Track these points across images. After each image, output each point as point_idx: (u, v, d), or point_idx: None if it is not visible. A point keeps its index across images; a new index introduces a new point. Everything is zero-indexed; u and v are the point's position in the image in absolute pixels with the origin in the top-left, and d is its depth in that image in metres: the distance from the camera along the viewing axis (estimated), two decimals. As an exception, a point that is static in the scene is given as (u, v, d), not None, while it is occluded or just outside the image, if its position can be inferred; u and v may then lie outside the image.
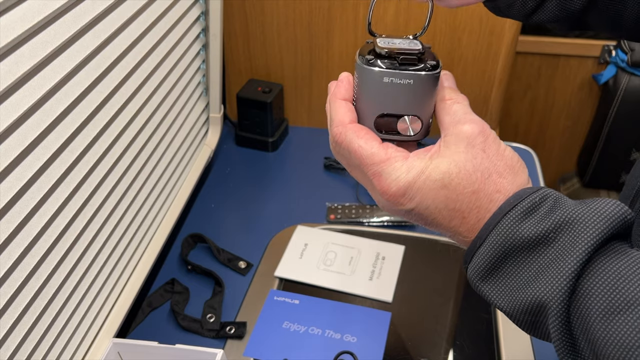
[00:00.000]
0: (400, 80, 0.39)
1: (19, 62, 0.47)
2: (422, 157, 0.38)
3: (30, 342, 0.55)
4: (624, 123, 1.40)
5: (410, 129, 0.41)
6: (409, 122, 0.41)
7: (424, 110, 0.41)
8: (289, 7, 1.00)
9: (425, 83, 0.39)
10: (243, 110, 1.06)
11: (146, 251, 0.79)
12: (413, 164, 0.37)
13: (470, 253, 0.37)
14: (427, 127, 0.42)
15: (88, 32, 0.57)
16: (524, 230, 0.34)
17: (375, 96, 0.40)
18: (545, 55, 1.45)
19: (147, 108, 0.73)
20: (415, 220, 0.39)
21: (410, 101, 0.40)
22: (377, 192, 0.38)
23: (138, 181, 0.73)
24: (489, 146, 0.38)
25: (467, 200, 0.36)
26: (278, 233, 0.90)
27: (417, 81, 0.39)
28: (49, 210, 0.55)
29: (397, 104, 0.40)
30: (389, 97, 0.40)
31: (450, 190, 0.36)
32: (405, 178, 0.37)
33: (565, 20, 0.55)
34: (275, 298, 0.79)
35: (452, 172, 0.36)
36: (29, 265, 0.53)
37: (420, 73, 0.39)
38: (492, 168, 0.37)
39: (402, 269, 0.83)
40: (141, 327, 0.77)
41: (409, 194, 0.37)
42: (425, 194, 0.37)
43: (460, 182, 0.36)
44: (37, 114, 0.51)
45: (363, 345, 0.73)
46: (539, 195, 0.35)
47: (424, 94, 0.40)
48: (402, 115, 0.40)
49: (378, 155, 0.38)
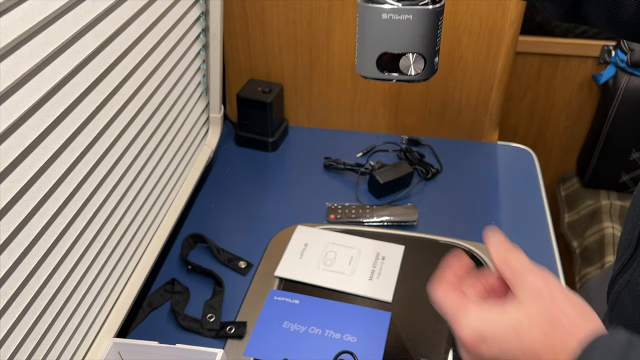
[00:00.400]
0: (399, 16, 0.38)
1: (20, 63, 0.47)
2: (495, 308, 0.40)
3: (31, 341, 0.55)
4: (623, 123, 1.40)
5: (412, 67, 0.40)
6: (411, 60, 0.39)
7: (426, 48, 0.39)
8: (289, 7, 1.00)
9: (425, 18, 0.38)
10: (243, 110, 1.06)
11: (146, 251, 0.79)
12: (487, 314, 0.40)
13: None
14: (431, 66, 0.40)
15: (88, 33, 0.57)
16: None
17: (375, 34, 0.39)
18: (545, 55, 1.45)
19: (148, 108, 0.73)
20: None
21: (411, 38, 0.39)
22: (457, 338, 0.41)
23: (138, 181, 0.73)
24: (557, 295, 0.39)
25: (541, 345, 0.37)
26: (278, 233, 0.90)
27: (417, 16, 0.38)
28: (49, 210, 0.55)
29: (398, 41, 0.39)
30: (389, 34, 0.39)
31: (522, 337, 0.38)
32: (481, 326, 0.39)
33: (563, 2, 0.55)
34: (275, 298, 0.79)
35: (523, 321, 0.38)
36: (29, 265, 0.53)
37: (421, 7, 0.38)
38: (561, 315, 0.38)
39: (402, 269, 0.83)
40: (141, 327, 0.77)
41: (488, 341, 0.39)
42: (502, 342, 0.38)
43: (532, 329, 0.38)
44: (38, 114, 0.51)
45: (363, 345, 0.73)
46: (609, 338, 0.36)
47: (425, 30, 0.39)
48: (404, 53, 0.39)
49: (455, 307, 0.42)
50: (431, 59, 0.40)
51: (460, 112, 1.08)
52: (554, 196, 1.63)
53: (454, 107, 1.07)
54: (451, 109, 1.08)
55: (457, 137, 1.11)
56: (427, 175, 1.01)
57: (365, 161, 1.04)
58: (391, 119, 1.11)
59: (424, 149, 1.08)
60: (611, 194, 1.50)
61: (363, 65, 0.41)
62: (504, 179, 1.02)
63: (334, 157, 1.04)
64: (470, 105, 1.07)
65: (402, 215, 0.92)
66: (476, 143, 1.11)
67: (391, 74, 0.40)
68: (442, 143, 1.09)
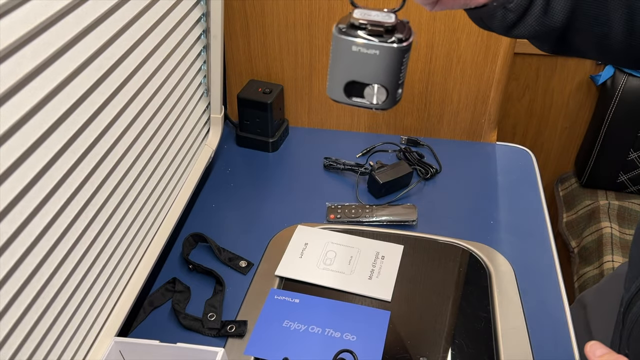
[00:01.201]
0: (367, 50, 0.41)
1: (21, 63, 0.47)
2: None
3: (32, 340, 0.55)
4: (621, 123, 1.40)
5: (375, 97, 0.43)
6: (375, 90, 0.42)
7: (390, 81, 0.42)
8: (289, 8, 1.00)
9: (391, 54, 0.41)
10: (244, 110, 1.07)
11: (148, 251, 0.80)
12: None
13: None
14: (393, 97, 0.43)
15: (90, 34, 0.57)
16: None
17: (345, 63, 0.42)
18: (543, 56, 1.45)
19: (149, 109, 0.74)
20: None
21: (376, 71, 0.42)
22: None
23: (140, 181, 0.74)
24: None
25: None
26: (278, 232, 0.91)
27: (384, 52, 0.41)
28: (51, 210, 0.55)
29: (365, 72, 0.42)
30: (357, 65, 0.42)
31: None
32: None
33: (547, 38, 0.55)
34: (276, 297, 0.79)
35: None
36: (31, 265, 0.53)
37: (386, 45, 0.41)
38: None
39: (401, 268, 0.84)
40: (142, 326, 0.77)
41: None
42: None
43: None
44: (39, 115, 0.51)
45: (362, 343, 0.73)
46: None
47: (390, 65, 0.42)
48: (369, 83, 0.42)
49: None
50: (393, 91, 0.43)
51: (459, 113, 1.08)
52: (552, 196, 1.63)
53: (453, 107, 1.08)
54: (450, 109, 1.08)
55: (456, 137, 1.11)
56: (426, 175, 1.01)
57: (364, 161, 1.04)
58: (390, 119, 1.11)
59: (423, 149, 1.08)
60: (609, 194, 1.51)
61: (332, 89, 0.45)
62: (503, 179, 1.02)
63: (334, 157, 1.04)
64: (469, 105, 1.07)
65: (401, 215, 0.92)
66: (475, 143, 1.11)
67: (356, 100, 0.44)
68: (441, 143, 1.10)
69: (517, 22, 0.53)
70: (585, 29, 0.53)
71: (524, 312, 0.78)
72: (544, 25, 0.53)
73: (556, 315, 0.79)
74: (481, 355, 0.72)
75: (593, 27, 0.53)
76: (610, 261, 1.30)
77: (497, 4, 0.52)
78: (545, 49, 0.58)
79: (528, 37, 0.55)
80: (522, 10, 0.52)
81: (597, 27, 0.53)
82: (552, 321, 0.78)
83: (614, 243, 1.34)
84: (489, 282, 0.82)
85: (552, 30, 0.54)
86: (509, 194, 0.99)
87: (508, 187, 1.01)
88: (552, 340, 0.75)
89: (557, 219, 1.56)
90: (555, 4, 0.52)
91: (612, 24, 0.52)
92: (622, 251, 1.33)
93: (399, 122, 1.11)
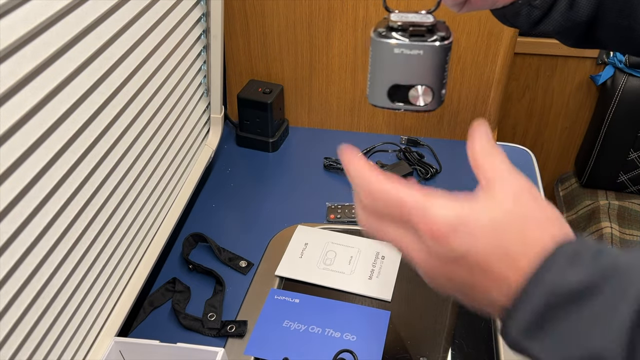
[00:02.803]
0: (410, 52, 0.41)
1: (22, 63, 0.47)
2: (467, 200, 0.36)
3: (32, 340, 0.55)
4: (621, 123, 1.40)
5: (421, 98, 0.42)
6: (420, 92, 0.42)
7: (435, 81, 0.42)
8: (289, 8, 1.00)
9: (435, 53, 0.41)
10: (244, 110, 1.07)
11: (148, 251, 0.80)
12: (460, 203, 0.35)
13: (511, 310, 0.34)
14: (438, 97, 0.43)
15: (90, 34, 0.57)
16: (570, 279, 0.32)
17: (388, 67, 0.42)
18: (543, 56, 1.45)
19: (149, 109, 0.74)
20: (460, 267, 0.36)
21: (421, 71, 0.41)
22: (423, 234, 0.36)
23: (140, 181, 0.74)
24: (537, 198, 0.36)
25: (520, 244, 0.34)
26: (278, 232, 0.91)
27: (427, 52, 0.41)
28: (51, 210, 0.55)
29: (409, 74, 0.42)
30: (400, 68, 0.41)
31: (501, 232, 0.34)
32: (455, 214, 0.35)
33: (572, 32, 0.55)
34: (276, 297, 0.79)
35: (504, 217, 0.35)
36: (31, 265, 0.53)
37: (430, 44, 0.40)
38: (542, 217, 0.35)
39: (402, 268, 0.84)
40: (142, 326, 0.77)
41: (460, 232, 0.34)
42: (476, 233, 0.34)
43: (512, 225, 0.34)
44: (39, 115, 0.51)
45: (363, 343, 0.73)
46: (579, 243, 0.33)
47: (434, 64, 0.41)
48: (414, 85, 0.42)
49: (420, 197, 0.36)
50: (439, 91, 0.43)
51: (459, 113, 1.08)
52: (552, 196, 1.63)
53: (453, 107, 1.08)
54: (450, 109, 1.08)
55: (456, 137, 1.11)
56: (427, 175, 1.01)
57: (364, 161, 1.04)
58: (390, 119, 1.11)
59: (423, 149, 1.08)
60: (609, 194, 1.51)
61: (374, 95, 0.44)
62: (503, 179, 1.02)
63: (334, 157, 1.04)
64: (469, 105, 1.07)
65: (401, 215, 0.92)
66: (475, 143, 1.11)
67: (400, 104, 0.43)
68: (441, 143, 1.10)
69: (542, 18, 0.53)
70: (610, 22, 0.53)
71: (524, 312, 0.78)
72: (569, 20, 0.53)
73: (556, 315, 0.78)
74: (481, 355, 0.72)
75: (618, 20, 0.53)
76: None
77: (523, 2, 0.52)
78: (569, 43, 0.58)
79: (553, 33, 0.55)
80: (548, 7, 0.52)
81: (621, 20, 0.53)
82: (552, 321, 0.77)
83: (614, 243, 1.34)
84: (489, 282, 0.82)
85: (577, 25, 0.53)
86: (509, 194, 0.99)
87: (508, 187, 1.00)
88: (552, 340, 0.75)
89: (557, 219, 1.56)
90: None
91: (637, 15, 0.52)
92: (622, 251, 1.32)
93: (399, 122, 1.11)
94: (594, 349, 0.31)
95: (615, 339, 0.30)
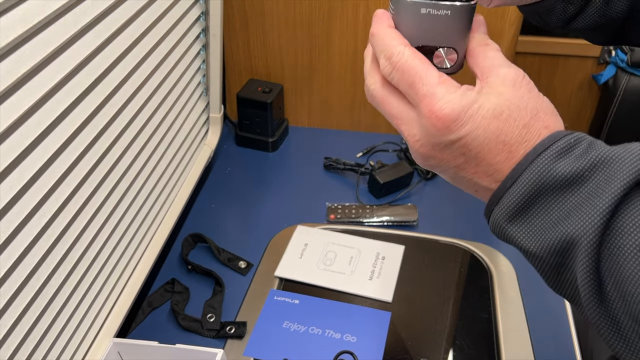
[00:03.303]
0: (437, 12, 0.40)
1: (20, 62, 0.47)
2: (469, 89, 0.37)
3: (31, 341, 0.55)
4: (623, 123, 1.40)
5: (446, 60, 0.42)
6: (444, 54, 0.41)
7: (460, 42, 0.41)
8: (289, 8, 1.00)
9: (462, 14, 0.40)
10: (243, 110, 1.06)
11: (146, 251, 0.79)
12: (466, 92, 0.36)
13: (498, 194, 0.36)
14: (462, 60, 0.42)
15: (88, 32, 0.57)
16: (559, 169, 0.33)
17: (412, 28, 0.41)
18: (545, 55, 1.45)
19: (148, 108, 0.73)
20: (454, 156, 0.37)
21: (447, 32, 0.41)
22: (423, 116, 0.36)
23: (138, 181, 0.74)
24: (533, 88, 0.37)
25: (517, 133, 0.35)
26: (278, 233, 0.90)
27: (454, 12, 0.40)
28: (49, 210, 0.55)
29: (434, 35, 0.41)
30: (426, 28, 0.41)
31: (501, 122, 0.35)
32: (459, 101, 0.36)
33: (606, 29, 0.54)
34: (276, 298, 0.79)
35: (504, 105, 0.36)
36: (29, 265, 0.53)
37: (457, 4, 0.40)
38: (539, 106, 0.37)
39: (402, 269, 0.83)
40: (141, 327, 0.77)
41: (461, 119, 0.35)
42: (478, 121, 0.35)
43: (511, 114, 0.35)
44: (38, 114, 0.51)
45: (363, 345, 0.73)
46: (574, 137, 0.34)
47: (460, 26, 0.41)
48: (439, 47, 0.41)
49: (434, 77, 0.37)
50: (462, 54, 0.42)
51: (460, 112, 1.08)
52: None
53: (454, 107, 1.07)
54: (451, 109, 1.08)
55: (457, 137, 1.11)
56: (427, 175, 1.01)
57: (365, 161, 1.04)
58: (391, 119, 1.11)
59: (423, 149, 1.08)
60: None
61: None
62: (504, 179, 1.02)
63: (334, 157, 1.04)
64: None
65: (402, 215, 0.92)
66: (476, 143, 1.11)
67: None
68: (442, 143, 1.09)
69: (577, 14, 0.52)
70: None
71: (525, 313, 0.78)
72: (604, 17, 0.52)
73: (558, 315, 0.78)
74: (482, 356, 0.72)
75: None
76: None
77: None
78: (598, 41, 0.57)
79: (587, 30, 0.54)
80: (584, 2, 0.51)
81: None
82: (554, 321, 0.77)
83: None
84: (490, 283, 0.82)
85: (611, 22, 0.53)
86: (510, 194, 0.99)
87: (509, 187, 1.00)
88: (553, 341, 0.74)
89: (558, 219, 1.56)
90: None
91: None
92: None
93: (399, 121, 1.11)
94: (569, 234, 0.32)
95: (591, 224, 0.31)
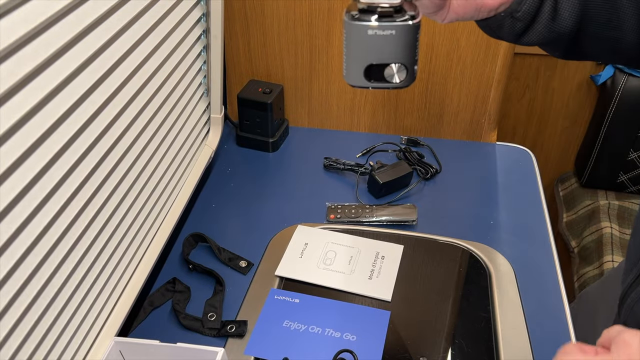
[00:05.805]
0: (383, 32, 0.42)
1: (22, 63, 0.47)
2: None
3: (32, 340, 0.55)
4: (621, 123, 1.40)
5: (396, 76, 0.44)
6: (395, 70, 0.44)
7: (408, 58, 0.44)
8: (289, 8, 1.00)
9: (406, 32, 0.43)
10: (244, 110, 1.07)
11: (148, 251, 0.80)
12: None
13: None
14: (412, 73, 0.45)
15: (90, 34, 0.57)
16: None
17: (362, 48, 0.44)
18: (543, 56, 1.45)
19: (149, 109, 0.74)
20: None
21: (394, 50, 0.43)
22: None
23: (140, 181, 0.74)
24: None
25: None
26: (278, 232, 0.91)
27: (399, 31, 0.42)
28: (51, 210, 0.55)
29: (383, 53, 0.43)
30: (374, 48, 0.43)
31: None
32: None
33: (557, 44, 0.55)
34: (276, 297, 0.80)
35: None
36: (31, 265, 0.53)
37: (400, 23, 0.42)
38: None
39: (401, 268, 0.84)
40: (142, 326, 0.77)
41: None
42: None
43: None
44: (40, 115, 0.51)
45: (362, 343, 0.73)
46: None
47: (406, 42, 0.43)
48: (389, 64, 0.44)
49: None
50: (412, 68, 0.45)
51: (459, 113, 1.08)
52: (552, 196, 1.63)
53: (453, 107, 1.08)
54: (450, 109, 1.08)
55: (456, 137, 1.11)
56: (426, 175, 1.02)
57: (364, 161, 1.04)
58: (390, 119, 1.11)
59: (423, 149, 1.08)
60: (609, 194, 1.51)
61: (351, 75, 0.46)
62: (503, 179, 1.02)
63: (334, 157, 1.04)
64: (469, 105, 1.07)
65: (401, 215, 0.92)
66: (475, 143, 1.11)
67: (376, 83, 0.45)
68: (441, 143, 1.10)
69: (525, 30, 0.54)
70: (595, 34, 0.53)
71: (524, 312, 0.78)
72: (553, 32, 0.53)
73: (556, 315, 0.79)
74: (481, 356, 0.73)
75: (605, 32, 0.53)
76: (611, 261, 1.30)
77: (505, 14, 0.52)
78: (557, 54, 0.58)
79: (538, 44, 0.56)
80: (530, 18, 0.53)
81: (608, 32, 0.53)
82: (553, 321, 0.78)
83: (614, 243, 1.34)
84: (489, 282, 0.82)
85: (561, 36, 0.54)
86: (509, 194, 0.99)
87: (508, 187, 1.01)
88: (552, 340, 0.75)
89: (557, 219, 1.56)
90: (563, 10, 0.52)
91: (624, 27, 0.52)
92: (622, 251, 1.33)
93: (399, 122, 1.11)
94: None
95: None
